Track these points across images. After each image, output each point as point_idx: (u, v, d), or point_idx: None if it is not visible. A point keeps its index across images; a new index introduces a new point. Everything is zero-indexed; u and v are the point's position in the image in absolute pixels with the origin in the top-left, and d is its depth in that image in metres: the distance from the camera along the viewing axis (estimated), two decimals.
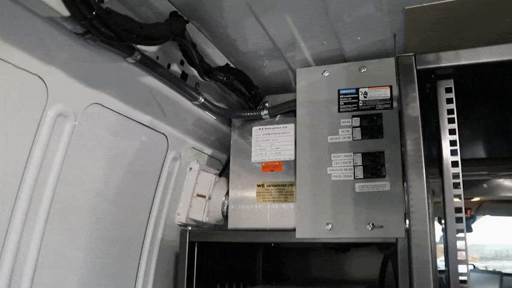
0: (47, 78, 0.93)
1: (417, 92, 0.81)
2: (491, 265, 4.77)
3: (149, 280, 1.34)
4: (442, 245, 1.07)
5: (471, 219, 3.27)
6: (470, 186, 2.80)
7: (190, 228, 1.34)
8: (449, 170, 0.95)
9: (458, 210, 0.98)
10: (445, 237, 1.05)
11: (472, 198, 3.05)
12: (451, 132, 0.85)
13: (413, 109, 0.79)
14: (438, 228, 1.54)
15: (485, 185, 2.86)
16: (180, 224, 1.42)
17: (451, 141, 0.85)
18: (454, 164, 0.94)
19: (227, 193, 1.40)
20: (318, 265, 1.73)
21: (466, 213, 1.10)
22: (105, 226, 1.17)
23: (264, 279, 1.69)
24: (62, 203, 1.01)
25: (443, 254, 1.06)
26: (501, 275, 3.36)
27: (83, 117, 1.03)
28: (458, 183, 0.96)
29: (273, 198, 1.26)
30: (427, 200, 0.92)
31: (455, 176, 0.96)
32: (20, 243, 0.92)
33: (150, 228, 1.33)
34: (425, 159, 0.89)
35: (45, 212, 0.97)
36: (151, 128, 1.25)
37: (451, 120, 0.85)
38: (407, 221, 1.09)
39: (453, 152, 0.87)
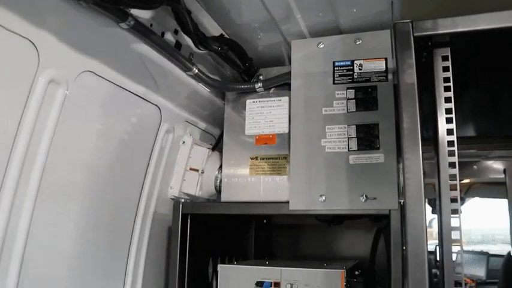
0: (38, 42, 0.90)
1: (414, 59, 0.81)
2: (478, 249, 4.83)
3: (142, 253, 1.34)
4: (430, 229, 1.08)
5: (460, 201, 3.30)
6: (460, 167, 2.82)
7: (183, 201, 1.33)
8: (445, 141, 0.95)
9: (453, 187, 0.98)
10: (439, 216, 1.05)
11: (462, 180, 3.07)
12: (447, 100, 0.85)
13: (410, 76, 0.79)
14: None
15: (475, 167, 2.89)
16: (173, 197, 1.41)
17: (446, 109, 0.85)
18: (449, 132, 0.94)
19: (220, 167, 1.39)
20: (310, 243, 1.74)
21: (450, 199, 1.11)
22: (97, 199, 1.16)
23: (256, 255, 1.70)
24: (53, 174, 0.99)
25: (430, 237, 1.06)
26: (488, 255, 3.41)
27: (75, 85, 1.01)
28: (453, 152, 0.96)
29: (267, 171, 1.25)
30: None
31: (451, 153, 0.96)
32: (10, 215, 0.91)
33: (142, 202, 1.32)
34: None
35: (36, 183, 0.96)
36: (144, 99, 1.23)
37: (447, 89, 0.85)
38: (400, 193, 1.10)
39: (448, 120, 0.87)
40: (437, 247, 2.90)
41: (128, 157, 1.25)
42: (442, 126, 0.95)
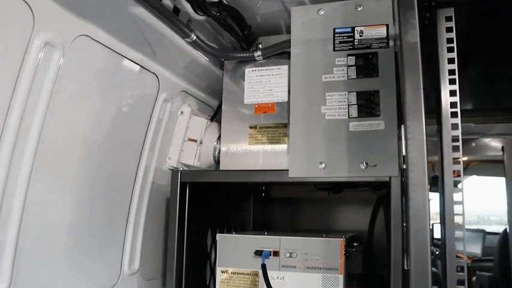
0: (33, 4, 0.89)
1: (417, 19, 0.79)
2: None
3: (140, 223, 1.33)
4: None
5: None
6: None
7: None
8: (448, 112, 0.94)
9: (456, 161, 0.97)
10: (441, 190, 1.05)
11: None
12: (450, 61, 0.83)
13: (413, 35, 0.77)
14: None
15: (473, 144, 2.89)
16: (171, 168, 1.40)
17: (449, 70, 0.84)
18: (453, 105, 0.93)
19: (219, 138, 1.38)
20: (308, 216, 1.74)
21: (453, 173, 1.10)
22: (93, 168, 1.15)
23: (254, 228, 1.70)
24: (48, 144, 0.98)
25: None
26: (484, 233, 3.44)
27: (71, 50, 0.99)
28: (457, 125, 0.95)
29: (266, 140, 1.24)
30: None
31: (454, 126, 0.95)
32: (6, 183, 0.90)
33: (140, 172, 1.32)
34: None
35: (32, 152, 0.95)
36: (142, 67, 1.22)
37: (450, 50, 0.84)
38: (401, 161, 1.09)
39: (451, 82, 0.85)
40: (434, 225, 2.92)
41: (125, 126, 1.23)
42: (446, 97, 0.94)
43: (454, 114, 0.98)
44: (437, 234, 2.72)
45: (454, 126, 0.98)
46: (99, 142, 1.15)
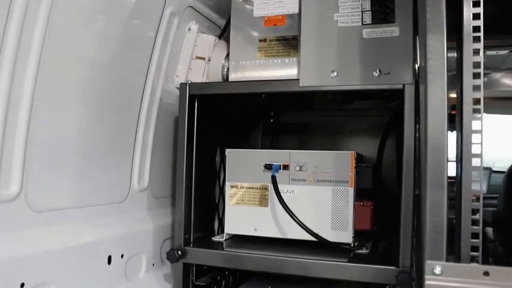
0: None
1: None
2: None
3: (148, 142, 1.33)
4: None
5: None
6: None
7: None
8: (470, 30, 0.89)
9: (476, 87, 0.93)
10: (460, 118, 1.00)
11: None
12: None
13: None
14: None
15: (485, 79, 2.84)
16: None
17: None
18: (476, 16, 0.88)
19: (227, 55, 1.35)
20: (318, 142, 1.73)
21: (473, 101, 1.06)
22: (100, 87, 1.13)
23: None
24: (52, 64, 0.96)
25: None
26: (490, 171, 3.44)
27: None
28: (478, 50, 0.90)
29: (276, 53, 1.21)
30: None
31: (476, 51, 0.90)
32: (9, 100, 0.89)
33: (147, 88, 1.30)
34: None
35: (34, 70, 0.93)
36: None
37: None
38: (415, 69, 1.06)
39: (475, 4, 0.81)
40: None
41: (131, 43, 1.20)
42: (468, 19, 0.89)
43: (476, 39, 0.92)
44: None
45: (476, 51, 0.92)
46: (104, 62, 1.12)
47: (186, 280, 1.20)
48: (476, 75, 0.91)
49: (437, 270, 0.72)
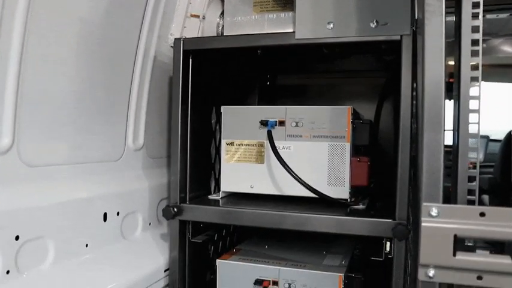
0: None
1: None
2: None
3: (143, 100, 1.31)
4: None
5: None
6: None
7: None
8: None
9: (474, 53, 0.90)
10: (458, 84, 0.98)
11: None
12: None
13: None
14: None
15: (484, 45, 2.81)
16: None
17: None
18: None
19: (222, 13, 1.33)
20: (314, 104, 1.71)
21: (471, 67, 1.03)
22: (92, 46, 1.11)
23: None
24: (41, 23, 0.95)
25: None
26: (488, 139, 3.44)
27: None
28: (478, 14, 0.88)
29: (272, 8, 1.18)
30: None
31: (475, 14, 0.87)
32: None
33: (141, 47, 1.28)
34: None
35: (21, 28, 0.90)
36: None
37: None
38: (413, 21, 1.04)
39: None
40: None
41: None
42: None
43: (475, 5, 0.90)
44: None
45: (475, 15, 0.90)
46: (95, 21, 1.10)
47: (182, 237, 1.20)
48: (474, 42, 0.89)
49: (434, 212, 0.71)
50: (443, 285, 0.75)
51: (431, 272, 0.72)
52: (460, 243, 0.73)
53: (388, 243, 1.04)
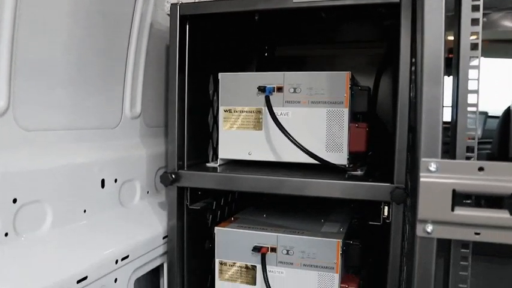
0: None
1: None
2: None
3: (140, 68, 1.30)
4: None
5: None
6: None
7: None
8: None
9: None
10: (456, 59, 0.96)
11: None
12: None
13: None
14: None
15: (484, 19, 2.79)
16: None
17: None
18: None
19: None
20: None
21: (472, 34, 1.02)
22: (87, 11, 1.09)
23: None
24: None
25: None
26: (486, 115, 3.43)
27: None
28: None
29: None
30: None
31: None
32: None
33: (137, 13, 1.26)
34: None
35: None
36: None
37: None
38: None
39: None
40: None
41: None
42: None
43: None
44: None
45: None
46: None
47: (180, 204, 1.20)
48: (475, 7, 0.87)
49: (433, 167, 0.71)
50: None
51: (429, 228, 0.72)
52: (459, 201, 0.73)
53: (386, 208, 1.04)
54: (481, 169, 0.70)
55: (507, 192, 0.69)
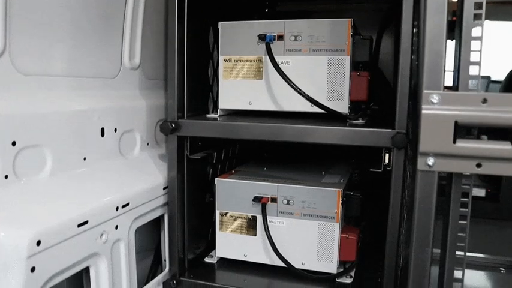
0: None
1: None
2: None
3: (138, 18, 1.28)
4: None
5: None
6: None
7: None
8: None
9: None
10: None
11: None
12: None
13: None
14: None
15: None
16: None
17: None
18: None
19: None
20: None
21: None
22: None
23: None
24: None
25: None
26: (489, 80, 3.40)
27: None
28: None
29: None
30: None
31: None
32: None
33: None
34: None
35: None
36: None
37: None
38: None
39: None
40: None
41: None
42: None
43: None
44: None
45: None
46: None
47: (180, 154, 1.19)
48: None
49: (435, 99, 0.70)
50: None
51: (430, 161, 0.71)
52: (461, 135, 0.72)
53: (387, 155, 1.03)
54: (484, 101, 0.69)
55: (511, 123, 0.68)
